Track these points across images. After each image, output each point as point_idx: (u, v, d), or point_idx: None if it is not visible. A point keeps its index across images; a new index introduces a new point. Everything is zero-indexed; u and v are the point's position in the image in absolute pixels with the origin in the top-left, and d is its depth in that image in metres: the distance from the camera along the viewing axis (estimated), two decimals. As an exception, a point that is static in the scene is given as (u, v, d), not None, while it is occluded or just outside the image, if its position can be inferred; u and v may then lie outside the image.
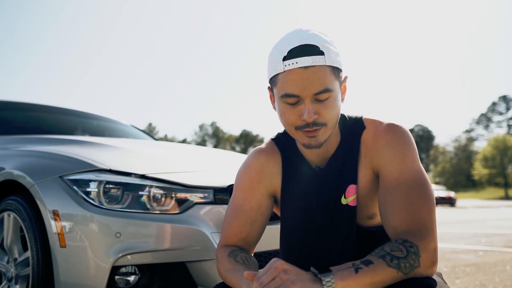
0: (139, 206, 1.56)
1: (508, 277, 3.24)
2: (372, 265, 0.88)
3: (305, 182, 1.14)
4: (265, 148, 1.21)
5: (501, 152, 51.06)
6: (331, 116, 1.01)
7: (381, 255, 0.90)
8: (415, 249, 0.91)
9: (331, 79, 0.99)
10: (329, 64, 0.98)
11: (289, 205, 1.16)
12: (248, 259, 1.11)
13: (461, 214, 14.65)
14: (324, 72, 0.98)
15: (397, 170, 1.02)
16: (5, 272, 1.83)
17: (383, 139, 1.06)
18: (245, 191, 1.18)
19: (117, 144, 2.16)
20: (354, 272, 0.88)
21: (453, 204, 25.54)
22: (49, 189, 1.63)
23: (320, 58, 0.97)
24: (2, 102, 3.02)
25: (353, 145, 1.10)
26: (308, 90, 0.97)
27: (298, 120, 1.00)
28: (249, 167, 1.20)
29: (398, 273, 0.89)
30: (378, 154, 1.06)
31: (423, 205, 0.97)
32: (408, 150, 1.04)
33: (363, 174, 1.09)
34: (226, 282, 1.08)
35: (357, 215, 1.11)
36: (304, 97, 0.98)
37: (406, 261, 0.89)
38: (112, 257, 1.48)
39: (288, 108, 1.01)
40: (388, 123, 1.08)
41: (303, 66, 0.97)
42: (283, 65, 0.99)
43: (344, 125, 1.13)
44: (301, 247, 1.14)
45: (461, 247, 5.18)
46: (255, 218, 1.17)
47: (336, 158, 1.11)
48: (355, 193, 1.09)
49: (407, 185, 1.00)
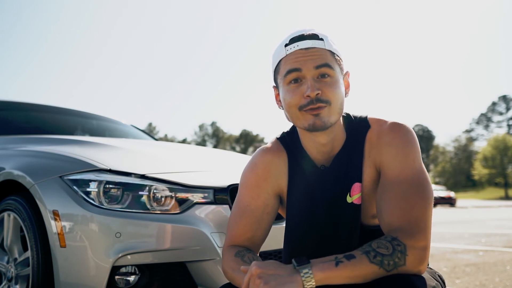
0: (139, 206, 1.56)
1: (508, 277, 3.24)
2: (354, 260, 0.90)
3: (311, 180, 1.14)
4: (271, 147, 1.22)
5: (501, 152, 51.08)
6: (333, 95, 1.02)
7: (365, 251, 0.91)
8: (402, 247, 0.91)
9: (331, 60, 1.04)
10: (328, 49, 1.04)
11: (294, 204, 1.16)
12: (255, 259, 1.11)
13: (461, 214, 14.66)
14: (325, 53, 1.04)
15: (397, 168, 1.03)
16: (5, 272, 1.83)
17: (386, 138, 1.07)
18: (252, 190, 1.18)
19: (117, 144, 2.16)
20: (334, 265, 0.89)
21: (453, 204, 25.53)
22: (49, 189, 1.63)
23: (319, 42, 1.04)
24: (2, 102, 3.02)
25: (358, 144, 1.11)
26: (310, 63, 1.02)
27: (302, 98, 1.03)
28: (255, 166, 1.20)
29: (380, 270, 0.90)
30: (380, 152, 1.07)
31: (419, 203, 0.97)
32: (410, 149, 1.04)
33: (367, 172, 1.10)
34: (232, 282, 1.08)
35: (362, 214, 1.12)
36: (306, 73, 1.02)
37: (391, 258, 0.90)
38: (112, 257, 1.48)
39: (291, 89, 1.04)
40: (392, 122, 1.09)
41: (304, 48, 1.03)
42: (285, 50, 1.05)
43: (350, 124, 1.14)
44: (306, 245, 1.14)
45: (461, 247, 5.18)
46: (261, 217, 1.17)
47: (341, 156, 1.12)
48: (360, 192, 1.10)
49: (405, 183, 1.00)
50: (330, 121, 1.04)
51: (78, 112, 3.36)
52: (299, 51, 1.03)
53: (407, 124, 1.08)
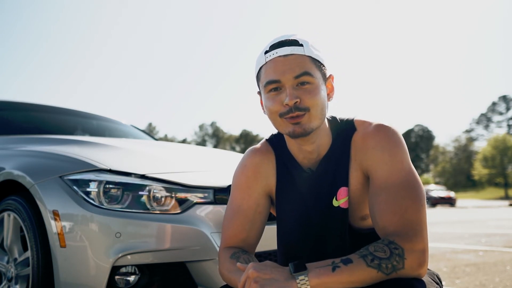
0: (139, 206, 1.56)
1: (508, 277, 3.23)
2: (351, 264, 0.89)
3: (298, 184, 1.15)
4: (259, 148, 1.22)
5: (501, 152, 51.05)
6: (313, 101, 1.02)
7: (363, 255, 0.91)
8: (400, 251, 0.91)
9: (311, 67, 1.03)
10: (308, 55, 1.03)
11: (283, 206, 1.17)
12: (251, 261, 1.11)
13: (461, 214, 14.65)
14: (304, 60, 1.03)
15: (385, 171, 1.02)
16: (5, 272, 1.83)
17: (371, 141, 1.06)
18: (243, 191, 1.19)
19: (117, 144, 2.16)
20: (331, 270, 0.89)
21: (453, 204, 25.54)
22: (49, 189, 1.63)
23: (299, 48, 1.03)
24: (2, 102, 3.02)
25: (344, 147, 1.10)
26: (288, 74, 1.01)
27: (281, 106, 1.03)
28: (245, 167, 1.21)
29: (378, 273, 0.89)
30: (366, 156, 1.06)
31: (411, 206, 0.96)
32: (396, 151, 1.03)
33: (354, 176, 1.09)
34: (229, 283, 1.08)
35: (350, 217, 1.12)
36: (285, 81, 1.02)
37: (389, 262, 0.89)
38: (112, 257, 1.48)
39: (271, 97, 1.04)
40: (377, 124, 1.08)
41: (283, 55, 1.03)
42: (265, 58, 1.05)
43: (335, 127, 1.13)
44: (297, 248, 1.15)
45: (461, 247, 5.18)
46: (253, 217, 1.17)
47: (327, 160, 1.11)
48: (347, 196, 1.09)
49: (395, 186, 0.99)
50: (311, 127, 1.03)
51: (78, 112, 3.36)
52: (278, 58, 1.03)
53: (392, 125, 1.07)
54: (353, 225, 1.13)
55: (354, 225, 1.13)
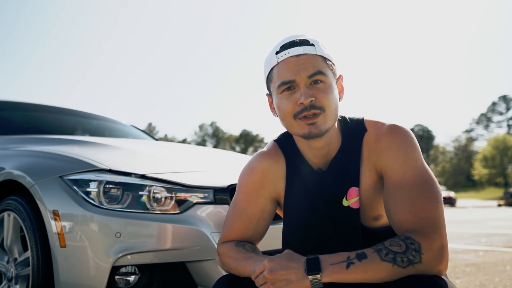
0: (139, 206, 1.56)
1: (508, 277, 3.23)
2: (365, 260, 0.89)
3: (308, 184, 1.14)
4: (268, 151, 1.21)
5: (501, 152, 51.09)
6: (327, 101, 1.02)
7: (377, 249, 0.91)
8: (417, 246, 0.90)
9: (323, 66, 1.04)
10: (320, 54, 1.04)
11: (292, 208, 1.16)
12: (256, 249, 1.12)
13: (461, 214, 14.66)
14: (316, 59, 1.03)
15: (399, 171, 1.02)
16: (5, 272, 1.83)
17: (385, 141, 1.06)
18: (249, 195, 1.18)
19: (117, 144, 2.16)
20: (345, 267, 0.89)
21: (453, 204, 25.57)
22: (49, 189, 1.63)
23: (310, 48, 1.04)
24: (2, 102, 3.02)
25: (355, 147, 1.10)
26: (302, 73, 1.01)
27: (296, 106, 1.03)
28: (252, 171, 1.19)
29: (394, 267, 0.88)
30: (381, 156, 1.06)
31: (427, 203, 0.96)
32: (410, 150, 1.04)
33: (367, 176, 1.09)
34: (235, 271, 1.07)
35: (363, 217, 1.11)
36: (299, 81, 1.02)
37: (404, 255, 0.89)
38: (112, 257, 1.48)
39: (285, 97, 1.04)
40: (390, 125, 1.08)
41: (295, 55, 1.03)
42: (277, 58, 1.05)
43: (345, 127, 1.13)
44: (304, 249, 1.14)
45: (461, 247, 5.18)
46: (257, 223, 1.18)
47: (338, 160, 1.11)
48: (357, 196, 1.09)
49: (410, 185, 1.00)
50: (326, 127, 1.03)
51: (78, 112, 3.36)
52: (290, 58, 1.03)
53: (404, 126, 1.08)
54: (366, 225, 1.13)
55: (367, 225, 1.13)
